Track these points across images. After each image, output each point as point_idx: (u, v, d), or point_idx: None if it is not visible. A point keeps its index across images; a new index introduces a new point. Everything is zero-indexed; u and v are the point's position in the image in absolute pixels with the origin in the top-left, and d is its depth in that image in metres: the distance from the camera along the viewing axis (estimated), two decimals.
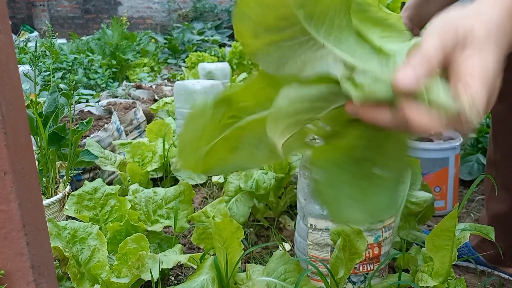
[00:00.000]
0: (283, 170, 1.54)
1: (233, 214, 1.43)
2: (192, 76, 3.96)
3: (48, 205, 1.37)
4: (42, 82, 3.00)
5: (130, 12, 9.85)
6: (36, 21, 9.47)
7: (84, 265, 1.06)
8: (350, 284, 1.12)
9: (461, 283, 1.04)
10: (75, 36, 5.73)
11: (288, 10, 0.43)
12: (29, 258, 0.56)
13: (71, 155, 1.54)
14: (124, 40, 5.30)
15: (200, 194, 1.92)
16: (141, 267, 1.00)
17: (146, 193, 1.33)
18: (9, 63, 0.53)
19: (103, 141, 1.95)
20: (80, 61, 4.01)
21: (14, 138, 0.53)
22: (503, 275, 1.28)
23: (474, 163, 2.02)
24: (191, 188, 1.36)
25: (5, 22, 0.52)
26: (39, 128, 1.41)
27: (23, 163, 0.56)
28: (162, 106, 2.84)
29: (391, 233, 1.15)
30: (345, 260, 1.01)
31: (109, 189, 1.28)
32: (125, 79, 4.67)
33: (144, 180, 1.83)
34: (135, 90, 3.44)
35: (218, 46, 7.07)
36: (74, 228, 1.09)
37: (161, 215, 1.31)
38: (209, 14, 9.75)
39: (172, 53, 6.65)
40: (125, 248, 1.09)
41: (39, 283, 0.58)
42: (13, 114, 0.53)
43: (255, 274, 1.06)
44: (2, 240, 0.55)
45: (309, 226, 1.13)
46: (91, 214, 1.24)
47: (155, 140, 2.04)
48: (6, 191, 0.53)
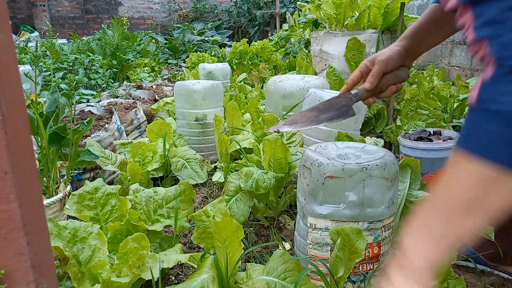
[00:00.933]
0: (283, 169, 1.54)
1: (233, 214, 1.43)
2: (193, 76, 3.96)
3: (48, 205, 1.38)
4: (43, 82, 3.00)
5: (131, 12, 9.86)
6: (36, 21, 9.47)
7: (84, 265, 1.07)
8: (350, 284, 1.12)
9: (460, 283, 1.04)
10: (75, 36, 5.72)
11: None
12: (29, 258, 0.56)
13: (72, 154, 1.54)
14: (125, 40, 5.30)
15: (200, 193, 1.92)
16: (141, 266, 1.01)
17: (146, 193, 1.33)
18: (10, 63, 0.53)
19: (103, 141, 1.95)
20: (81, 61, 4.01)
21: (15, 138, 0.53)
22: (503, 274, 1.28)
23: None
24: (192, 187, 1.36)
25: (5, 22, 0.52)
26: (39, 128, 1.42)
27: (24, 163, 0.56)
28: (163, 106, 2.84)
29: (390, 232, 1.16)
30: (345, 260, 1.01)
31: (109, 188, 1.28)
32: (125, 79, 4.67)
33: (144, 180, 1.83)
34: (136, 90, 3.45)
35: (218, 46, 7.08)
36: (74, 228, 1.09)
37: (161, 214, 1.31)
38: (209, 14, 9.75)
39: (172, 53, 6.66)
40: (126, 248, 1.09)
41: (39, 282, 0.58)
42: (14, 114, 0.53)
43: (255, 273, 1.07)
44: (2, 240, 0.55)
45: (309, 225, 1.13)
46: (92, 214, 1.25)
47: (155, 140, 2.04)
48: (7, 191, 0.53)
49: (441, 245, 0.66)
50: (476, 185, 0.60)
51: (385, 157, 1.11)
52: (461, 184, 0.63)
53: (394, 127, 2.24)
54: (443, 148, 1.64)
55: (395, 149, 2.29)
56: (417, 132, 1.79)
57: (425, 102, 2.36)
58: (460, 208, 0.63)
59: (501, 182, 0.58)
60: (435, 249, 0.67)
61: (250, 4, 8.99)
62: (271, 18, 8.40)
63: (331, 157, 1.12)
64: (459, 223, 0.64)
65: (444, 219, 0.65)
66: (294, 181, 1.68)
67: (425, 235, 0.67)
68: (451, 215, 0.64)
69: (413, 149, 1.68)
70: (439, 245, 0.66)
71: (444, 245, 0.66)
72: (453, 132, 1.77)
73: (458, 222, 0.64)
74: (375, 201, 1.08)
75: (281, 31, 5.37)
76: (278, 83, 2.20)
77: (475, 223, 0.63)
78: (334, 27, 2.70)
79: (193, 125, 2.29)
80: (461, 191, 0.63)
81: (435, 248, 0.67)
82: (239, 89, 3.41)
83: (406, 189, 1.30)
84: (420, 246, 0.68)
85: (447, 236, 0.65)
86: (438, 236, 0.66)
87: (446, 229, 0.65)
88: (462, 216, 0.63)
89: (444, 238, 0.66)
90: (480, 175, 0.60)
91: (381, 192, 1.08)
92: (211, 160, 2.31)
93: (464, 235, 0.65)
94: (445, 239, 0.66)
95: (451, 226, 0.65)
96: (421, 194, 1.30)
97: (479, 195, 0.61)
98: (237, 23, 9.26)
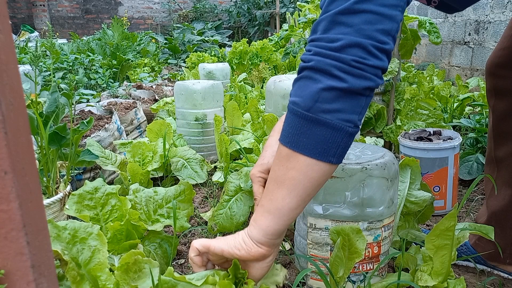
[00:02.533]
0: None
1: (233, 214, 1.43)
2: (193, 76, 3.96)
3: (48, 205, 1.38)
4: (43, 82, 3.00)
5: (131, 12, 9.86)
6: (36, 21, 9.47)
7: (84, 266, 1.06)
8: (350, 283, 1.12)
9: (460, 283, 1.04)
10: (75, 36, 5.72)
11: None
12: (29, 258, 0.56)
13: (72, 154, 1.54)
14: (125, 40, 5.30)
15: (200, 193, 1.92)
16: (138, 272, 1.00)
17: (146, 193, 1.33)
18: (9, 62, 0.53)
19: (103, 141, 1.95)
20: (81, 61, 4.01)
21: (15, 138, 0.53)
22: (503, 274, 1.28)
23: (474, 162, 2.02)
24: (191, 187, 1.36)
25: (5, 22, 0.52)
26: (39, 128, 1.42)
27: (24, 163, 0.56)
28: (163, 106, 2.84)
29: (390, 232, 1.16)
30: (345, 259, 1.01)
31: (109, 188, 1.28)
32: (125, 79, 4.67)
33: (144, 180, 1.83)
34: (136, 90, 3.45)
35: (218, 46, 7.08)
36: (74, 228, 1.09)
37: (161, 214, 1.31)
38: (209, 14, 9.76)
39: (172, 53, 6.66)
40: (129, 259, 1.09)
41: (39, 282, 0.58)
42: (14, 114, 0.53)
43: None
44: (2, 240, 0.55)
45: (309, 225, 1.13)
46: (92, 214, 1.24)
47: (155, 140, 2.04)
48: (6, 191, 0.53)
49: (273, 217, 0.84)
50: (279, 162, 0.82)
51: (385, 157, 1.11)
52: (274, 163, 0.84)
53: (394, 127, 2.24)
54: (443, 148, 1.64)
55: (395, 149, 2.29)
56: (417, 132, 1.79)
57: (425, 102, 2.36)
58: (272, 183, 0.83)
59: (292, 159, 0.79)
60: (270, 221, 0.84)
61: (250, 4, 8.99)
62: (271, 18, 8.41)
63: None
64: (274, 197, 0.83)
65: (268, 194, 0.84)
66: None
67: (266, 208, 0.85)
68: (269, 190, 0.84)
69: (413, 149, 1.68)
70: (272, 217, 0.84)
71: (274, 216, 0.84)
72: (453, 132, 1.77)
73: (273, 195, 0.83)
74: (375, 201, 1.08)
75: (281, 31, 5.37)
76: (278, 83, 2.20)
77: (284, 196, 0.81)
78: None
79: (193, 125, 2.29)
80: (273, 170, 0.84)
81: (270, 220, 0.84)
82: (239, 89, 3.41)
83: (406, 189, 1.30)
84: (263, 218, 0.85)
85: (273, 209, 0.83)
86: (271, 209, 0.83)
87: (270, 203, 0.83)
88: (274, 190, 0.82)
89: (274, 210, 0.83)
90: (279, 153, 0.82)
91: (381, 192, 1.08)
92: (211, 160, 2.31)
93: (282, 207, 0.82)
94: (275, 211, 0.83)
95: (271, 201, 0.83)
96: (421, 194, 1.30)
97: (282, 171, 0.81)
98: (237, 23, 9.27)
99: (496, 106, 1.21)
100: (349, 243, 0.99)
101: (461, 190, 1.95)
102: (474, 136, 2.14)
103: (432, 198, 1.32)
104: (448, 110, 2.79)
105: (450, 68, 4.66)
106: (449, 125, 2.38)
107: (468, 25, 4.28)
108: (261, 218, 0.85)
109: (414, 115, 2.31)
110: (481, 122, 2.23)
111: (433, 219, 1.66)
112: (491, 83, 1.22)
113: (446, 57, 4.72)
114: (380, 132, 2.32)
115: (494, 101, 1.22)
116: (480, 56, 4.15)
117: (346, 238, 0.99)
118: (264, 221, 0.84)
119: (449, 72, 4.66)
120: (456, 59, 4.54)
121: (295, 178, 0.79)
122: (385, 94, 2.31)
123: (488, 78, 1.23)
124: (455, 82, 3.94)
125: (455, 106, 2.80)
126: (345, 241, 0.99)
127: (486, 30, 4.03)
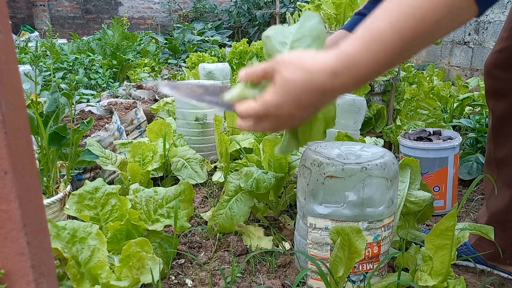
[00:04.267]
0: (283, 169, 1.55)
1: (233, 214, 1.43)
2: (193, 76, 3.96)
3: (48, 205, 1.38)
4: (43, 82, 3.00)
5: (131, 12, 9.85)
6: (37, 21, 9.46)
7: (84, 265, 1.07)
8: (350, 283, 1.12)
9: (460, 283, 1.04)
10: (75, 36, 5.72)
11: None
12: (29, 258, 0.56)
13: (72, 154, 1.54)
14: (125, 40, 5.30)
15: (200, 193, 1.92)
16: (141, 268, 1.01)
17: (146, 193, 1.33)
18: (9, 62, 0.53)
19: (103, 140, 1.95)
20: (81, 61, 4.01)
21: (15, 138, 0.53)
22: (503, 274, 1.28)
23: (474, 162, 2.02)
24: (192, 187, 1.36)
25: (5, 22, 0.52)
26: (39, 128, 1.42)
27: (24, 163, 0.56)
28: (163, 106, 2.84)
29: (390, 232, 1.16)
30: (345, 259, 1.01)
31: (109, 188, 1.28)
32: (125, 79, 4.67)
33: (144, 180, 1.83)
34: (136, 90, 3.45)
35: (218, 46, 7.07)
36: (73, 228, 1.09)
37: (161, 214, 1.31)
38: (209, 14, 9.75)
39: (172, 53, 6.65)
40: (128, 251, 1.09)
41: (39, 282, 0.58)
42: (14, 114, 0.53)
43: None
44: (2, 240, 0.55)
45: (309, 225, 1.13)
46: (92, 214, 1.25)
47: (155, 140, 2.04)
48: (7, 191, 0.53)
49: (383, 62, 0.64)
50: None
51: (385, 157, 1.11)
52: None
53: (394, 127, 2.24)
54: (443, 148, 1.64)
55: (395, 149, 2.29)
56: (417, 132, 1.79)
57: (425, 102, 2.36)
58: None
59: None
60: (377, 66, 0.64)
61: (250, 4, 8.98)
62: (271, 18, 8.40)
63: (331, 157, 1.12)
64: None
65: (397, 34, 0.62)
66: (294, 181, 1.68)
67: (379, 49, 0.63)
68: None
69: (413, 149, 1.68)
70: (383, 62, 0.64)
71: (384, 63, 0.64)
72: (453, 132, 1.77)
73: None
74: (375, 201, 1.08)
75: None
76: None
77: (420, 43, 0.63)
78: (334, 27, 2.70)
79: (193, 125, 2.29)
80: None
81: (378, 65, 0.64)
82: None
83: (405, 189, 1.30)
84: (367, 57, 0.64)
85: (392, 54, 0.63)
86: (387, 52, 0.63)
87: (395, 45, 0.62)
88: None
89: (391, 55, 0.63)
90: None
91: (381, 192, 1.08)
92: (211, 160, 2.31)
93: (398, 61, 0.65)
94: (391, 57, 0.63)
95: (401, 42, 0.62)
96: (421, 194, 1.30)
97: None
98: (237, 23, 9.26)
99: (495, 107, 1.21)
100: (349, 243, 0.99)
101: (461, 190, 1.95)
102: (474, 136, 2.14)
103: (432, 198, 1.32)
104: (448, 110, 2.79)
105: (450, 68, 4.66)
106: (449, 125, 2.38)
107: (468, 25, 4.28)
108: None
109: (414, 115, 2.31)
110: (481, 122, 2.23)
111: (433, 219, 1.66)
112: (489, 85, 1.22)
113: (446, 57, 4.72)
114: (380, 132, 2.32)
115: (493, 102, 1.22)
116: (480, 56, 4.15)
117: (346, 238, 0.99)
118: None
119: (449, 72, 4.66)
120: (456, 59, 4.54)
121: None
122: (385, 94, 2.31)
123: (487, 80, 1.23)
124: (455, 82, 3.94)
125: (455, 106, 2.80)
126: (345, 241, 0.99)
127: (486, 30, 4.03)
